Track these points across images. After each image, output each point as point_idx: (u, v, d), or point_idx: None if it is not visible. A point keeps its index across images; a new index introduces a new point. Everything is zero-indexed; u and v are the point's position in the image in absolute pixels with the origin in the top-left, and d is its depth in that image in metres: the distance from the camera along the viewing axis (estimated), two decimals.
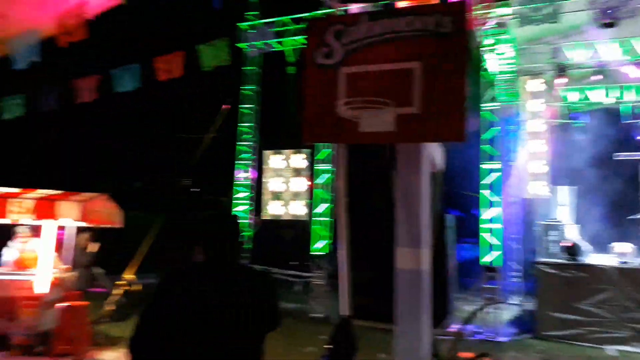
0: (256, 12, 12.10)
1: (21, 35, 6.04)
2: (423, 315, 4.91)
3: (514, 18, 9.42)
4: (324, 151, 11.21)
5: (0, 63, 6.48)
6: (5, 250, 7.75)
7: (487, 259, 9.91)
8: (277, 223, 12.52)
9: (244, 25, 12.03)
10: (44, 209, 6.82)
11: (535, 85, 10.73)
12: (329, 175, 11.06)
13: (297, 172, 11.55)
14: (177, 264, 2.90)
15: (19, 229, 7.75)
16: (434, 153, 5.68)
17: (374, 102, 3.87)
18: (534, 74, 10.86)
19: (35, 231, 7.69)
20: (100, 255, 9.43)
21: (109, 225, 8.11)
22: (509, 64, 10.33)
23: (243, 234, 11.72)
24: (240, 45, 12.02)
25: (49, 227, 7.20)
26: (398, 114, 3.81)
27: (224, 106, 10.37)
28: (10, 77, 6.53)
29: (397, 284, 5.12)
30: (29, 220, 7.00)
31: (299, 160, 11.58)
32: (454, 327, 8.34)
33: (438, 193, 5.75)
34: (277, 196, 11.63)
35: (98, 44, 7.16)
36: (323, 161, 11.29)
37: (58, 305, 7.02)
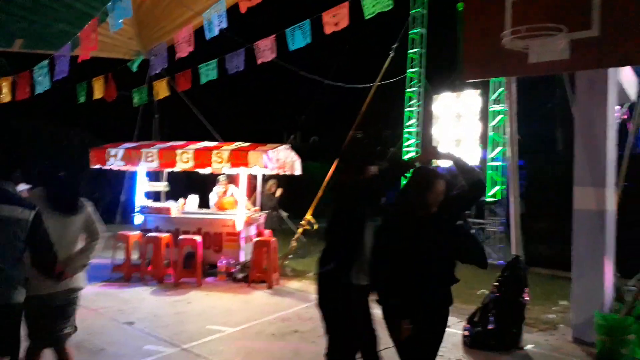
0: None
1: (211, 7, 6.83)
2: (605, 259, 4.53)
3: None
4: (500, 91, 10.51)
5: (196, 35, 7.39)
6: (211, 195, 9.22)
7: None
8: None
9: None
10: (238, 159, 7.89)
11: None
12: (503, 117, 10.39)
13: (469, 115, 11.05)
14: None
15: (219, 177, 9.11)
16: (626, 81, 5.01)
17: (545, 28, 3.56)
18: None
19: (232, 179, 8.97)
20: (284, 199, 10.54)
21: (290, 173, 9.01)
22: None
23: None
24: None
25: (242, 174, 8.32)
26: (572, 39, 3.46)
27: (390, 52, 10.34)
28: (204, 46, 7.45)
29: (575, 226, 4.77)
30: (226, 168, 8.16)
31: (471, 102, 11.02)
32: None
33: None
34: (447, 142, 11.37)
35: (271, 5, 7.74)
36: (497, 101, 10.62)
37: (253, 240, 8.17)
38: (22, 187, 10.22)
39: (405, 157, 12.15)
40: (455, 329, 5.37)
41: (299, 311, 6.45)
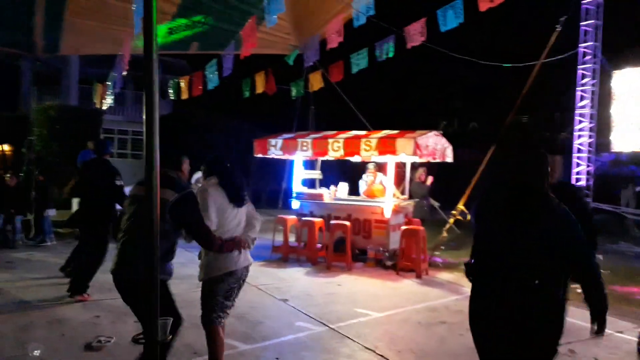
0: None
1: None
2: None
3: None
4: None
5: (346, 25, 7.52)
6: (360, 182, 9.41)
7: None
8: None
9: None
10: (386, 146, 7.89)
11: None
12: None
13: None
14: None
15: (368, 165, 9.23)
16: None
17: None
18: None
19: (380, 167, 9.02)
20: (435, 188, 10.25)
21: (440, 160, 8.73)
22: None
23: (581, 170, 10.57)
24: None
25: (390, 162, 8.30)
26: None
27: (557, 26, 9.31)
28: (352, 36, 7.56)
29: None
30: (374, 156, 8.22)
31: None
32: None
33: None
34: (628, 124, 9.89)
35: None
36: None
37: (401, 228, 8.12)
38: (199, 175, 11.63)
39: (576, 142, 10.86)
40: (629, 335, 4.68)
41: (448, 303, 6.24)
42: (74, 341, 4.50)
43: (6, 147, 18.06)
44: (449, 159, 8.86)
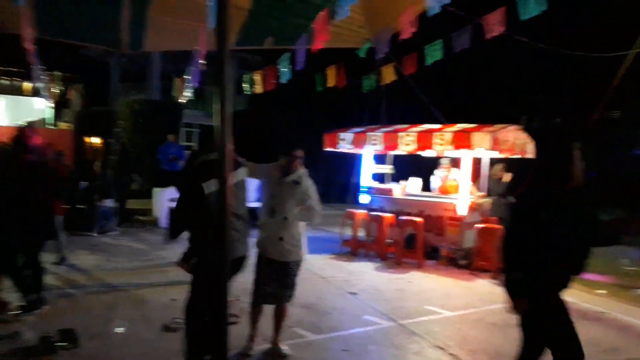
0: None
1: None
2: None
3: None
4: None
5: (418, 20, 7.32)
6: (432, 177, 9.14)
7: None
8: None
9: None
10: (461, 141, 7.60)
11: None
12: None
13: None
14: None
15: (442, 161, 8.94)
16: None
17: None
18: None
19: (455, 162, 8.71)
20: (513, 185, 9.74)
21: (520, 156, 8.28)
22: None
23: None
24: None
25: (465, 157, 7.99)
26: None
27: None
28: (427, 25, 7.33)
29: None
30: (449, 151, 7.95)
31: None
32: None
33: None
34: None
35: None
36: None
37: (476, 226, 7.80)
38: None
39: None
40: None
41: None
42: (153, 321, 4.75)
43: (97, 140, 19.47)
44: (530, 154, 8.39)
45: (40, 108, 17.10)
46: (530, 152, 8.43)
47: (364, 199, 9.23)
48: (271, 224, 3.97)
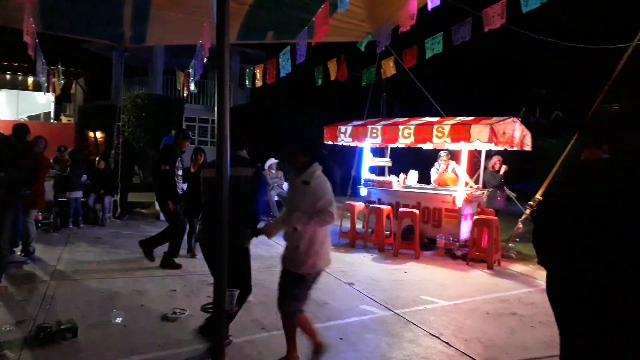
0: None
1: None
2: None
3: None
4: None
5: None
6: (432, 170, 9.21)
7: None
8: None
9: None
10: (459, 133, 7.65)
11: None
12: None
13: None
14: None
15: (440, 153, 9.01)
16: None
17: None
18: None
19: (453, 155, 8.78)
20: (512, 177, 9.81)
21: (517, 149, 8.34)
22: None
23: None
24: None
25: (463, 149, 8.06)
26: None
27: None
28: (426, 18, 7.36)
29: None
30: (447, 143, 8.00)
31: None
32: None
33: None
34: None
35: None
36: None
37: (473, 218, 7.88)
38: (272, 161, 11.94)
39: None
40: None
41: (520, 295, 6.02)
42: (152, 312, 4.84)
43: (99, 134, 19.59)
44: (528, 147, 8.45)
45: (43, 102, 17.19)
46: (527, 144, 8.48)
47: (363, 191, 9.31)
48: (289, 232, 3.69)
